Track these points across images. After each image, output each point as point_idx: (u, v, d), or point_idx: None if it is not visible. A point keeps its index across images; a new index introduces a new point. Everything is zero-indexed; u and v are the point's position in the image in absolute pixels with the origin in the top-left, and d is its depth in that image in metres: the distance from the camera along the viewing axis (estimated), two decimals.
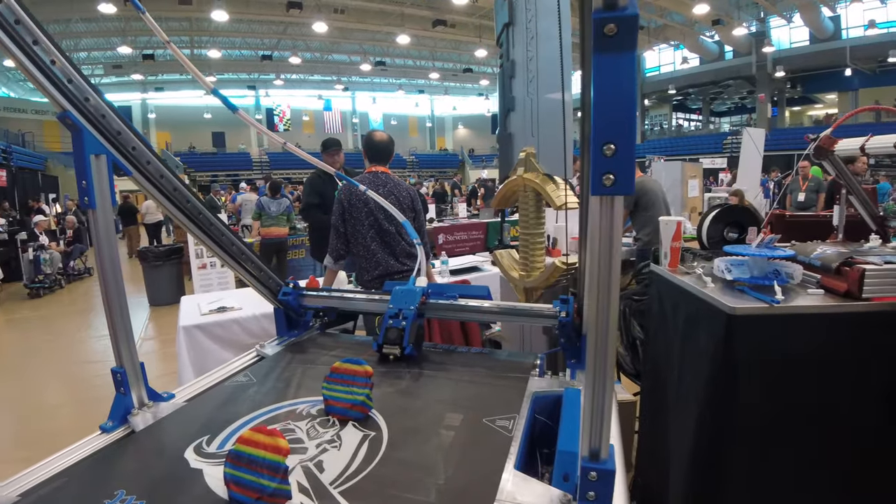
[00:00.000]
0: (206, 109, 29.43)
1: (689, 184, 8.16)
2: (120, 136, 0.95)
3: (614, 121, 0.47)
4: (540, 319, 1.21)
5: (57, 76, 0.87)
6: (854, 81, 23.59)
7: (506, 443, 0.79)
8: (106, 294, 0.99)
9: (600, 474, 0.56)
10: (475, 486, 0.69)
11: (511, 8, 2.34)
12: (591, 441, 0.56)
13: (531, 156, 2.06)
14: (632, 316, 2.65)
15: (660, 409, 2.00)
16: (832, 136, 2.13)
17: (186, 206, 1.10)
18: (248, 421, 0.91)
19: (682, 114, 34.11)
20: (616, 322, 0.52)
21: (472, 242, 8.70)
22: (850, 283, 1.46)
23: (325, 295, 1.47)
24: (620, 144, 0.47)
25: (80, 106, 0.90)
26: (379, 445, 0.80)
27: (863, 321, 1.43)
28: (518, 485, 0.67)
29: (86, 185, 0.91)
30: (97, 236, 0.95)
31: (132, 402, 1.00)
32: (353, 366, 0.92)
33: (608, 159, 0.47)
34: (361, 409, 0.88)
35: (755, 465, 1.50)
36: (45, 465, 0.86)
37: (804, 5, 20.57)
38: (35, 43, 0.86)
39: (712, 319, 1.52)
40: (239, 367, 1.22)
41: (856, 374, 1.44)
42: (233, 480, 0.67)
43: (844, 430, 1.45)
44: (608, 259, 0.51)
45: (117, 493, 0.73)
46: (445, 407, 0.93)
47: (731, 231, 2.31)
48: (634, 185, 2.81)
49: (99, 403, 3.85)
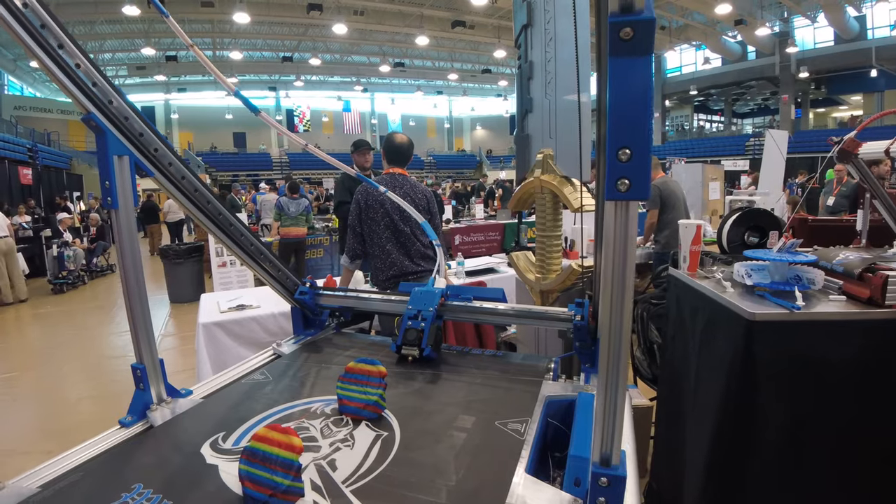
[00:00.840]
0: (227, 110, 29.90)
1: (709, 186, 8.04)
2: (142, 138, 0.97)
3: (630, 125, 0.47)
4: (555, 323, 1.21)
5: (82, 79, 0.90)
6: (880, 82, 22.92)
7: (517, 446, 0.78)
8: (127, 292, 1.01)
9: (611, 480, 0.56)
10: (486, 489, 0.69)
11: (530, 9, 2.32)
12: (603, 446, 0.55)
13: (549, 157, 2.05)
14: (650, 320, 2.62)
15: (676, 414, 1.97)
16: (856, 139, 2.10)
17: (207, 206, 1.11)
18: (263, 419, 0.93)
19: (703, 115, 33.61)
20: (629, 327, 0.52)
21: (488, 244, 8.67)
22: (872, 289, 1.44)
23: (342, 295, 1.48)
24: (636, 149, 0.47)
25: (103, 108, 0.92)
26: (391, 445, 0.81)
27: (886, 329, 1.40)
28: (529, 488, 0.67)
29: (109, 186, 0.94)
30: (119, 236, 0.97)
31: (151, 397, 1.02)
32: (367, 366, 0.92)
33: (623, 164, 0.47)
34: (375, 409, 0.89)
35: (772, 476, 1.48)
36: (65, 458, 0.89)
37: (829, 5, 20.11)
38: (60, 47, 0.88)
39: (731, 325, 1.50)
40: (255, 364, 1.24)
41: (880, 383, 1.41)
42: (247, 477, 0.68)
43: (868, 442, 1.42)
44: (622, 264, 0.50)
45: (135, 487, 0.74)
46: (458, 409, 0.93)
47: (751, 235, 2.28)
48: (654, 188, 2.83)
49: (119, 398, 3.93)
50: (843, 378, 1.42)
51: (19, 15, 0.81)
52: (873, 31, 21.72)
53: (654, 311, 2.54)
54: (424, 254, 2.71)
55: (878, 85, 23.19)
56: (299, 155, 31.04)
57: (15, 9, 0.80)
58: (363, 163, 4.26)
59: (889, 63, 21.80)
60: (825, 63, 23.51)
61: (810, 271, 1.57)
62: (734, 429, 1.50)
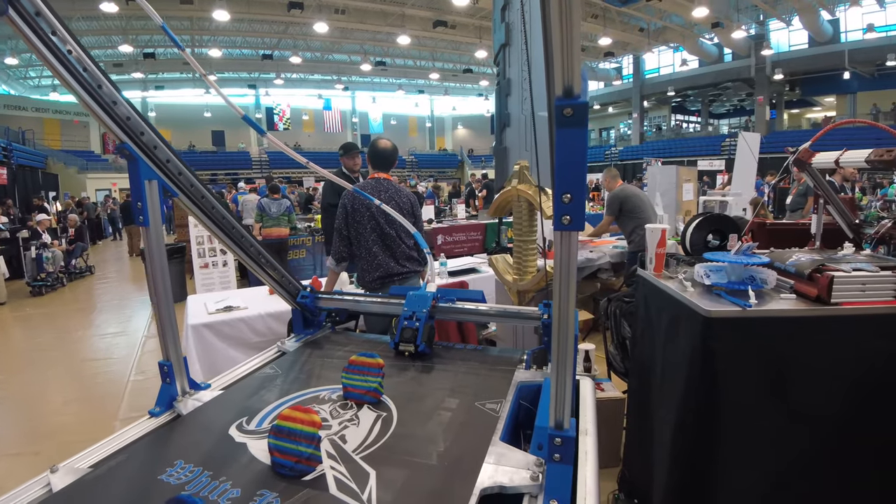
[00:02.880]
0: (205, 108, 29.54)
1: (683, 187, 8.33)
2: (168, 164, 1.12)
3: (570, 178, 0.64)
4: (527, 321, 1.39)
5: (118, 115, 1.04)
6: (853, 84, 23.58)
7: (494, 421, 0.96)
8: (156, 299, 1.16)
9: (564, 440, 0.73)
10: (468, 454, 0.86)
11: (508, 30, 2.51)
12: (556, 414, 0.73)
13: (525, 169, 2.23)
14: (622, 317, 2.75)
15: (646, 405, 2.09)
16: (810, 149, 2.22)
17: (222, 221, 1.27)
18: (278, 405, 1.09)
19: (680, 115, 34.18)
20: (573, 322, 0.70)
21: (470, 243, 8.82)
22: (820, 288, 1.55)
23: (340, 298, 1.64)
24: (575, 195, 0.64)
25: (136, 139, 1.07)
26: (390, 423, 0.98)
27: (831, 324, 1.53)
28: (502, 452, 0.85)
29: (141, 207, 1.08)
30: (149, 249, 1.12)
31: (176, 390, 1.17)
32: (367, 358, 1.09)
33: (566, 205, 0.65)
34: (374, 394, 1.06)
35: (733, 458, 1.59)
36: (105, 444, 1.01)
37: (803, 8, 20.60)
38: (99, 87, 1.02)
39: (691, 321, 1.61)
40: (264, 361, 1.39)
41: (824, 373, 1.53)
42: (276, 449, 0.84)
43: (818, 423, 1.54)
44: (567, 277, 0.68)
45: (177, 463, 0.90)
46: (444, 393, 1.11)
47: (713, 238, 2.42)
48: (614, 197, 3.04)
49: (104, 400, 3.99)
50: (793, 368, 1.54)
51: (68, 65, 0.95)
52: (846, 34, 22.26)
53: (627, 308, 2.61)
54: (409, 255, 2.79)
55: (851, 87, 23.79)
56: (280, 154, 30.81)
57: (66, 60, 0.95)
58: (352, 166, 4.31)
59: (861, 65, 22.33)
60: (799, 65, 24.02)
61: (763, 272, 1.68)
62: (696, 416, 1.61)
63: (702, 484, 1.63)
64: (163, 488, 0.82)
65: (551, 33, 0.57)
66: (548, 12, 0.56)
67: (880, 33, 21.14)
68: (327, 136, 34.83)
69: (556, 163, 0.64)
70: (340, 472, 0.83)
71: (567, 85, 0.61)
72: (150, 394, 4.36)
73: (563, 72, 0.60)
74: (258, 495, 0.78)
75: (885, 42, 20.94)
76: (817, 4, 20.69)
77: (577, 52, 0.59)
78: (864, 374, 1.53)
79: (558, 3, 0.54)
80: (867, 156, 1.94)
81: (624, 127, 34.39)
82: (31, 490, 0.88)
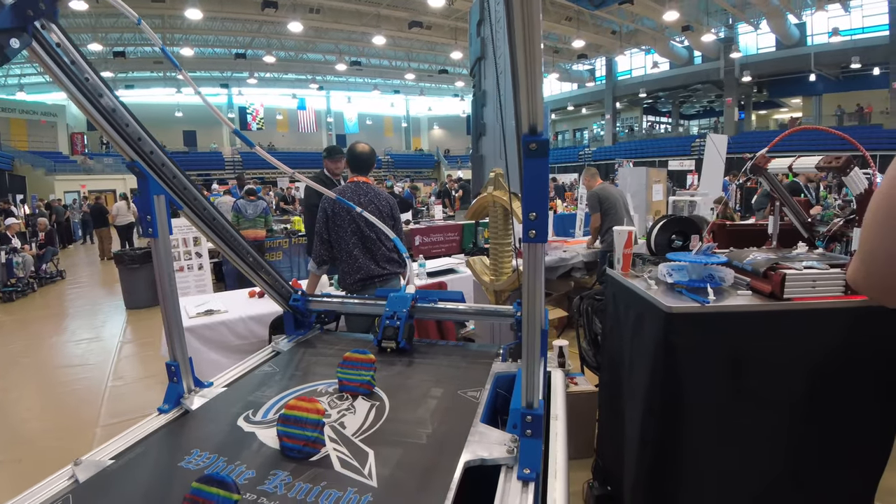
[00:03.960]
0: (177, 108, 29.02)
1: (653, 188, 8.65)
2: (175, 180, 1.22)
3: (536, 199, 0.78)
4: (503, 318, 1.53)
5: (131, 136, 1.14)
6: (818, 86, 24.39)
7: (474, 407, 1.10)
8: (164, 305, 1.26)
9: (534, 418, 0.87)
10: (453, 434, 0.99)
11: (483, 44, 2.64)
12: (528, 396, 0.87)
13: (500, 176, 2.37)
14: (594, 314, 2.88)
15: (616, 398, 2.19)
16: (766, 155, 2.32)
17: (223, 232, 1.37)
18: (280, 398, 1.20)
19: (652, 116, 34.91)
20: (540, 318, 0.84)
21: (447, 244, 8.91)
22: (773, 285, 1.65)
23: (329, 300, 1.75)
24: (539, 213, 0.78)
25: (146, 158, 1.16)
26: (383, 411, 1.11)
27: (782, 318, 1.63)
28: (482, 432, 0.99)
29: (150, 220, 1.18)
30: (158, 258, 1.22)
31: (183, 388, 1.26)
32: (360, 355, 1.21)
33: (532, 222, 0.78)
34: (367, 386, 1.18)
35: (695, 443, 1.69)
36: (119, 439, 1.09)
37: (771, 12, 21.23)
38: (113, 111, 1.12)
39: (654, 317, 1.72)
40: (260, 360, 1.50)
41: (778, 364, 1.63)
42: (285, 435, 0.96)
43: (774, 406, 1.65)
44: (534, 280, 0.82)
45: (193, 451, 1.00)
46: (430, 383, 1.24)
47: (676, 239, 2.53)
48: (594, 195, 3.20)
49: (82, 407, 4.01)
50: (748, 359, 1.63)
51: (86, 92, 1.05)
52: (812, 37, 22.94)
53: (598, 305, 2.70)
54: (390, 257, 2.84)
55: (817, 88, 24.59)
56: (253, 154, 30.40)
57: (84, 88, 1.04)
58: (334, 169, 4.28)
59: (827, 68, 23.08)
60: (767, 68, 24.72)
61: (722, 270, 1.78)
62: (661, 405, 1.70)
63: (669, 468, 1.74)
64: (184, 473, 0.93)
65: (519, 86, 0.70)
66: (516, 68, 0.70)
67: (845, 37, 21.86)
68: (302, 136, 34.56)
69: (524, 186, 0.78)
70: (343, 453, 0.95)
71: (532, 124, 0.75)
72: (129, 399, 4.33)
73: (529, 114, 0.74)
74: (271, 475, 0.89)
75: (850, 45, 21.68)
76: (784, 9, 21.32)
77: (540, 98, 0.73)
78: (814, 363, 1.63)
79: (524, 63, 0.68)
80: (817, 162, 2.05)
81: (597, 128, 34.96)
82: (57, 482, 0.95)
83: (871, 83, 22.34)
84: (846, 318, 1.63)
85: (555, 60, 27.85)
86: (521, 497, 0.83)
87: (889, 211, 0.47)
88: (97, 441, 3.35)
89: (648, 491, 1.80)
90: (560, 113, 36.29)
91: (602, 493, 2.30)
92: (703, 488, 1.74)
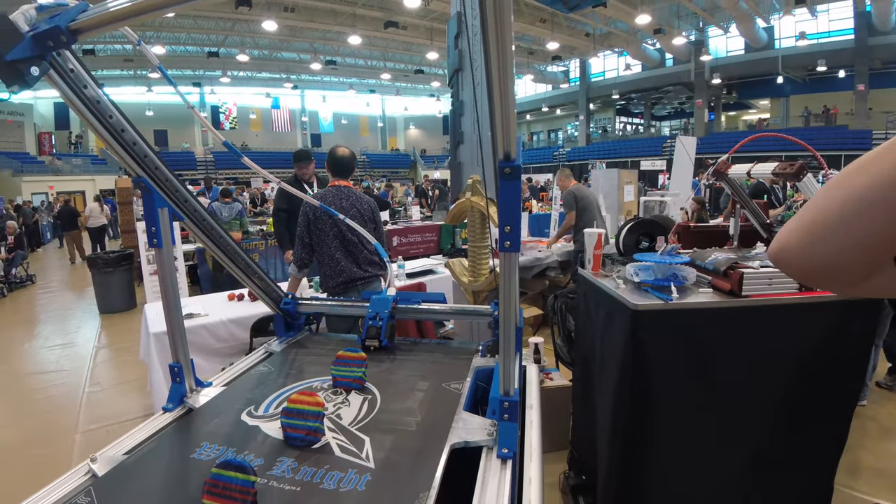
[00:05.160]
0: (147, 106, 28.37)
1: (625, 189, 8.91)
2: (177, 193, 1.31)
3: (510, 215, 0.91)
4: (481, 317, 1.66)
5: (138, 154, 1.23)
6: (785, 88, 25.18)
7: (457, 397, 1.23)
8: (167, 309, 1.34)
9: (510, 404, 1.00)
10: (440, 421, 1.12)
11: (461, 56, 2.77)
12: (504, 385, 1.00)
13: (477, 182, 2.50)
14: (567, 311, 3.00)
15: (588, 391, 2.29)
16: (727, 161, 2.40)
17: (219, 240, 1.47)
18: (279, 394, 1.30)
19: (625, 117, 35.56)
20: (514, 317, 0.97)
21: (425, 244, 9.01)
22: (732, 283, 1.76)
23: (317, 303, 1.85)
24: (513, 226, 0.91)
25: (151, 174, 1.25)
26: (375, 403, 1.22)
27: (741, 313, 1.74)
28: (465, 419, 1.11)
29: (155, 231, 1.27)
30: (162, 267, 1.31)
31: (185, 388, 1.35)
32: (351, 353, 1.32)
33: (507, 234, 0.91)
34: (359, 381, 1.30)
35: (661, 431, 1.80)
36: (130, 436, 1.16)
37: (740, 16, 21.79)
38: (123, 131, 1.21)
39: (622, 314, 1.81)
40: (255, 361, 1.59)
41: (737, 355, 1.75)
42: (288, 426, 1.07)
43: (732, 400, 1.76)
44: (509, 284, 0.95)
45: (203, 444, 1.09)
46: (416, 378, 1.36)
47: (643, 240, 2.64)
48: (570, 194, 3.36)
49: (60, 413, 4.02)
50: (710, 352, 1.74)
51: (97, 114, 1.14)
52: (780, 40, 23.64)
53: (572, 304, 2.84)
54: (371, 260, 2.89)
55: (784, 90, 25.38)
56: (226, 154, 29.98)
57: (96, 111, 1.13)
58: (303, 175, 4.32)
59: (794, 70, 23.83)
60: (736, 70, 25.36)
61: (685, 270, 1.88)
62: (630, 397, 1.80)
63: (638, 456, 1.84)
64: (198, 464, 1.02)
65: (495, 120, 0.83)
66: (493, 107, 0.83)
67: (811, 40, 22.59)
68: (276, 136, 34.17)
69: (500, 204, 0.91)
70: (341, 440, 1.06)
71: (506, 151, 0.88)
72: (108, 405, 4.32)
73: (504, 144, 0.86)
74: (278, 461, 1.00)
75: (816, 49, 22.39)
76: (753, 13, 21.87)
77: (513, 131, 0.85)
78: (770, 355, 1.75)
79: (500, 104, 0.80)
80: (773, 168, 2.11)
81: (571, 128, 35.46)
82: (76, 476, 1.01)
83: (836, 85, 23.07)
84: (801, 312, 1.74)
85: (529, 62, 28.19)
86: (500, 473, 0.96)
87: (839, 181, 0.47)
88: (77, 447, 3.36)
89: (620, 479, 1.90)
90: (535, 114, 36.71)
91: (577, 483, 2.40)
92: (670, 475, 1.85)
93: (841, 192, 0.45)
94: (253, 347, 1.70)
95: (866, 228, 0.44)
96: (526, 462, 1.03)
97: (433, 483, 0.90)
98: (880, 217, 0.43)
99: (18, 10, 0.89)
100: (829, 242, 0.47)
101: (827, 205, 0.47)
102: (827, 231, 0.47)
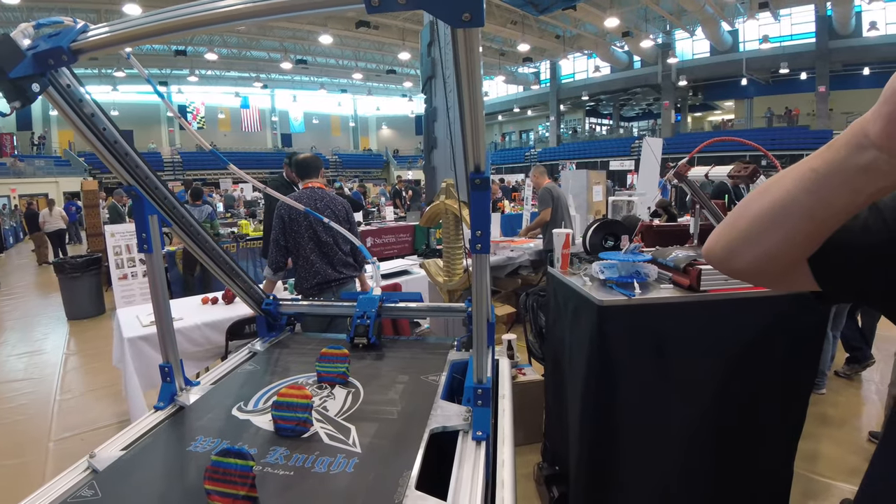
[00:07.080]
0: (112, 106, 27.55)
1: (593, 189, 9.17)
2: (166, 201, 1.38)
3: (481, 221, 1.02)
4: (456, 314, 1.77)
5: (130, 165, 1.29)
6: (750, 90, 26.02)
7: (435, 388, 1.33)
8: (157, 311, 1.40)
9: (483, 391, 1.11)
10: (419, 410, 1.22)
11: (433, 63, 2.87)
12: (477, 374, 1.11)
13: (451, 186, 2.60)
14: (539, 309, 3.11)
15: (559, 384, 2.38)
16: (686, 164, 2.52)
17: (205, 245, 1.53)
18: (267, 390, 1.38)
19: (594, 118, 36.22)
20: (487, 314, 1.07)
21: (399, 245, 9.06)
22: (691, 279, 1.85)
23: (298, 304, 1.93)
24: (483, 231, 1.02)
25: (142, 183, 1.31)
26: (359, 395, 1.31)
27: (699, 307, 1.83)
28: (443, 406, 1.22)
29: (145, 237, 1.34)
30: (151, 272, 1.37)
31: (175, 387, 1.41)
32: (334, 350, 1.41)
33: (478, 237, 1.02)
34: (343, 376, 1.38)
35: (627, 420, 1.88)
36: (124, 433, 1.20)
37: (706, 20, 22.49)
38: (115, 143, 1.27)
39: (589, 310, 1.89)
40: (239, 361, 1.66)
41: (696, 347, 1.83)
42: (279, 418, 1.15)
43: (693, 389, 1.85)
44: (481, 283, 1.06)
45: (198, 437, 1.16)
46: (396, 372, 1.46)
47: (608, 240, 2.78)
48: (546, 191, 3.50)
49: (32, 421, 3.97)
50: (671, 344, 1.82)
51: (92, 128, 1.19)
52: (744, 44, 24.48)
53: (543, 301, 2.94)
54: (346, 262, 2.95)
55: (748, 92, 26.22)
56: (194, 154, 29.37)
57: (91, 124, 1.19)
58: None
59: (758, 73, 24.63)
60: (702, 72, 26.17)
61: (647, 267, 1.99)
62: (597, 387, 1.88)
63: (607, 445, 1.92)
64: (195, 456, 1.09)
65: (466, 138, 0.93)
66: (464, 124, 0.93)
67: (774, 44, 23.47)
68: (245, 136, 33.63)
69: (471, 212, 1.01)
70: (329, 430, 1.15)
71: (476, 163, 0.98)
72: (81, 413, 4.27)
73: (474, 157, 0.97)
74: (271, 450, 1.08)
75: (779, 52, 23.26)
76: (718, 16, 22.56)
77: (483, 146, 0.96)
78: (727, 345, 1.84)
79: (470, 122, 0.91)
80: (729, 171, 2.20)
81: (542, 129, 35.94)
82: (76, 472, 1.06)
83: (798, 87, 24.06)
84: (755, 305, 1.84)
85: (501, 63, 28.47)
86: (475, 454, 1.06)
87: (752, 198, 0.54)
88: (52, 456, 3.31)
89: (590, 466, 1.99)
90: (507, 115, 37.09)
91: (551, 473, 2.47)
92: (637, 461, 1.94)
93: (751, 208, 0.56)
94: (229, 350, 1.75)
95: (767, 241, 0.54)
96: (499, 446, 1.14)
97: (415, 463, 1.00)
98: (777, 232, 0.53)
99: (18, 29, 0.94)
100: (743, 252, 0.58)
101: (738, 223, 0.58)
102: (740, 243, 0.58)
